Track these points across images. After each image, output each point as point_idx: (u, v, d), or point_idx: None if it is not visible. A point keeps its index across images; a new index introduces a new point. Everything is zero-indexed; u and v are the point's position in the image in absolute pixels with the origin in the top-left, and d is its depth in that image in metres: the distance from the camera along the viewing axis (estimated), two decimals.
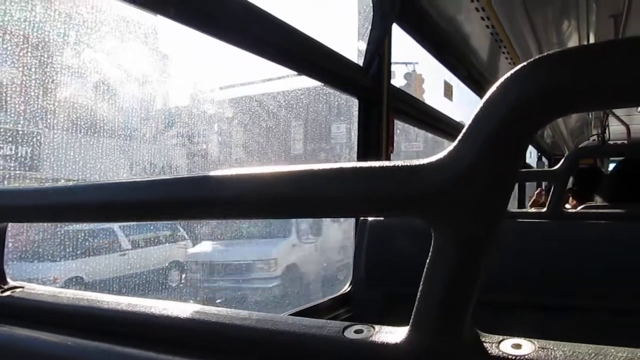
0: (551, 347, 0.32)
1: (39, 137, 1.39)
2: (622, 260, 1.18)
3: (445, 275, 0.32)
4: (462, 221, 0.31)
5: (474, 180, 0.30)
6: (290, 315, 1.51)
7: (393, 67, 2.03)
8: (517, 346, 0.33)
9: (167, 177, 0.42)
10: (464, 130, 0.30)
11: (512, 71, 0.29)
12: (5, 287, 0.56)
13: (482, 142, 0.29)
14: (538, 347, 0.33)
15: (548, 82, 0.27)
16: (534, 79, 0.28)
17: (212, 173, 0.39)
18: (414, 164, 0.32)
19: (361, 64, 1.89)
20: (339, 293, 1.63)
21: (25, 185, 0.60)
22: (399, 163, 0.32)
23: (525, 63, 0.29)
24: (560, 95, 0.28)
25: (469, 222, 0.31)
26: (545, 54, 0.28)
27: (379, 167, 0.33)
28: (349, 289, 1.62)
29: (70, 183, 0.47)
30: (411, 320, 0.35)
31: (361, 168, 0.33)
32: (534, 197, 3.95)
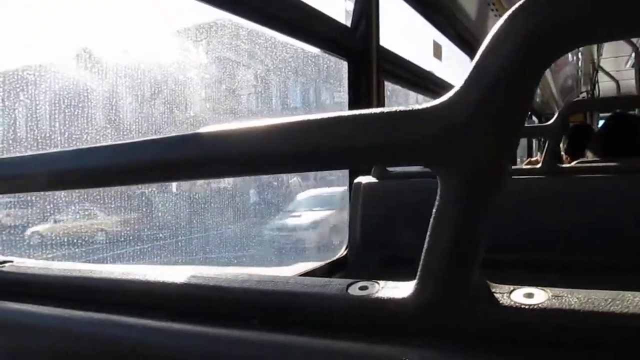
0: (565, 295, 0.31)
1: None
2: (619, 212, 1.18)
3: (453, 224, 0.31)
4: (470, 167, 0.29)
5: (482, 123, 0.28)
6: None
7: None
8: (530, 295, 0.32)
9: (159, 137, 0.40)
10: (470, 70, 0.28)
11: (520, 3, 0.27)
12: None
13: (490, 81, 0.27)
14: (551, 295, 0.31)
15: (563, 12, 0.25)
16: (547, 9, 0.26)
17: (207, 130, 0.37)
18: (417, 107, 0.30)
19: (349, 25, 1.85)
20: (335, 257, 1.63)
21: (3, 156, 0.58)
22: (402, 108, 0.30)
23: None
24: (573, 27, 0.26)
25: (477, 167, 0.29)
26: None
27: (381, 113, 0.31)
28: (345, 252, 1.62)
29: (57, 149, 0.45)
30: (418, 275, 0.33)
31: (361, 115, 0.31)
32: (533, 159, 3.92)
